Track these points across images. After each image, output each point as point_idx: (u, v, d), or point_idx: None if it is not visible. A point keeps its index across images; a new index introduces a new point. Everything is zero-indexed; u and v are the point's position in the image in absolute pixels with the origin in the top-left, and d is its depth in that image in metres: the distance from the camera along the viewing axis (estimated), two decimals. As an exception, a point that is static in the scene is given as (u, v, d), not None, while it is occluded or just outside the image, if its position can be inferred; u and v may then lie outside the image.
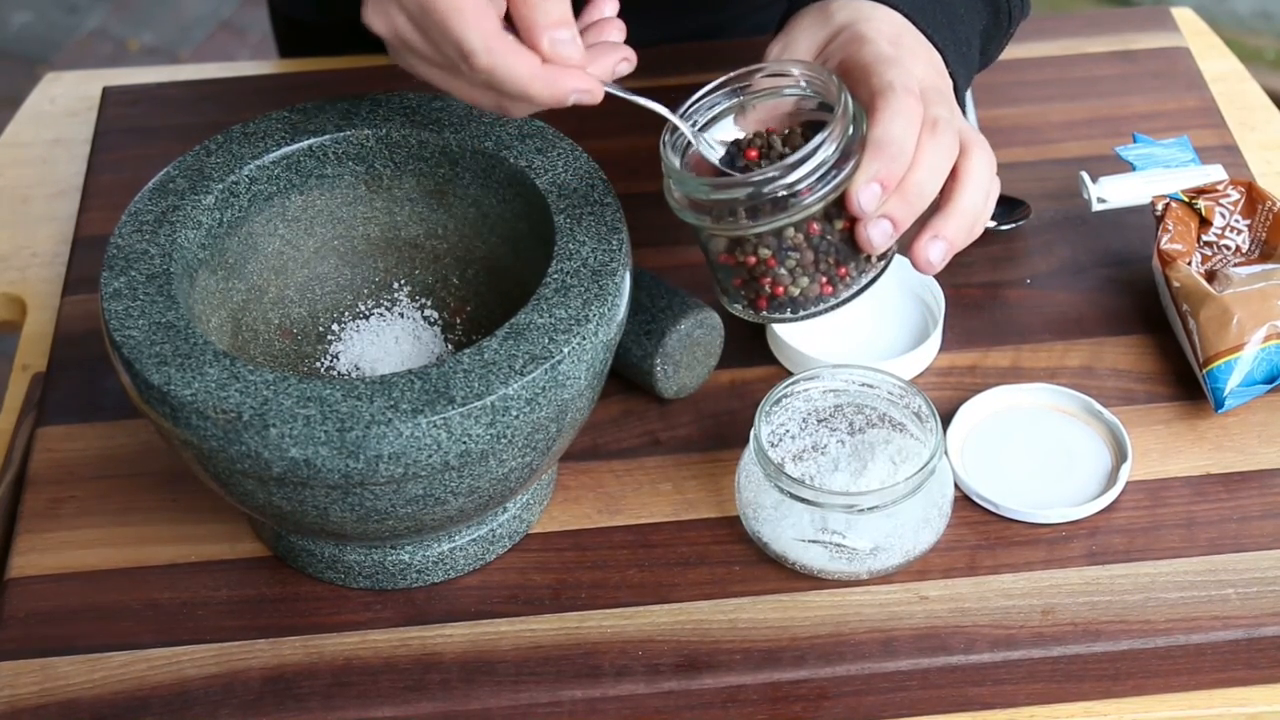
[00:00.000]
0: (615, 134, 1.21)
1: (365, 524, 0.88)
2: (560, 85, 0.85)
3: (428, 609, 0.94)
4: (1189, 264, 1.04)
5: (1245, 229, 1.06)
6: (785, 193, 0.86)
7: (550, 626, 0.93)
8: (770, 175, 0.86)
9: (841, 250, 0.89)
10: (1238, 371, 0.99)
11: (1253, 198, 1.07)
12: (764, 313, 0.91)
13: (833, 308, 0.90)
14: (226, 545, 0.97)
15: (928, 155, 0.88)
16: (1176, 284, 1.03)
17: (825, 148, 0.86)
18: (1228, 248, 1.06)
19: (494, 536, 0.95)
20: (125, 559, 0.97)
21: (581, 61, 0.86)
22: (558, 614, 0.94)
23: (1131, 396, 1.03)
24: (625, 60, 0.88)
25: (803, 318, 0.90)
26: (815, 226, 0.87)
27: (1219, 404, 1.00)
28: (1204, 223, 1.06)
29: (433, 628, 0.93)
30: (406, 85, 1.03)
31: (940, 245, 0.90)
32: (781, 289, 0.89)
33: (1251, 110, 1.25)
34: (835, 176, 0.86)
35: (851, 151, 0.87)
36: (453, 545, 0.94)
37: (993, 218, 1.13)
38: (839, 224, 0.88)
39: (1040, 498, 0.97)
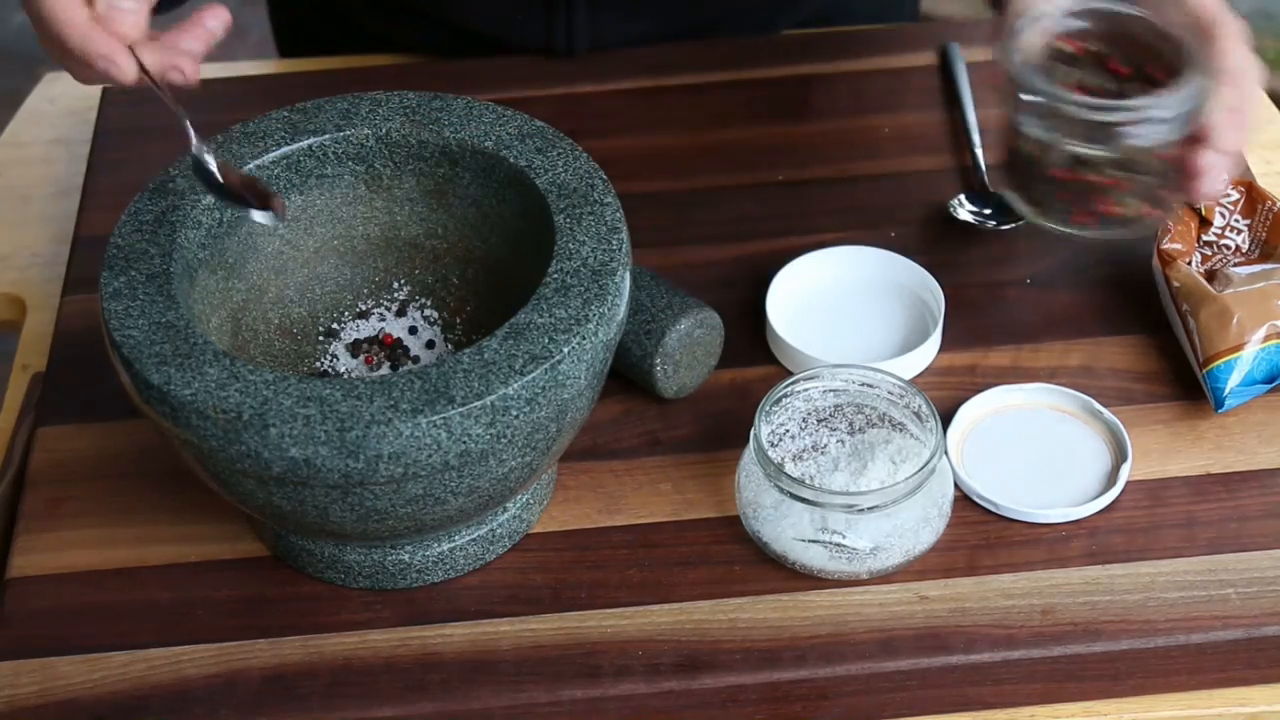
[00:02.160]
0: (615, 134, 1.22)
1: (365, 524, 0.88)
2: (91, 44, 0.85)
3: (428, 609, 0.94)
4: (1189, 264, 1.04)
5: (1245, 229, 1.06)
6: (1162, 123, 0.86)
7: (550, 626, 0.93)
8: (1156, 104, 0.86)
9: (1170, 176, 0.89)
10: (1238, 371, 0.99)
11: (1253, 198, 1.07)
12: (1077, 227, 0.90)
13: (1141, 230, 0.91)
14: (226, 545, 0.97)
15: (1256, 86, 0.91)
16: (1176, 284, 1.03)
17: (1200, 81, 0.87)
18: (1228, 247, 1.06)
19: (494, 536, 0.95)
20: (125, 559, 0.97)
21: (126, 35, 0.86)
22: (558, 614, 0.94)
23: (1131, 396, 1.03)
24: (177, 71, 0.88)
25: (1108, 236, 0.90)
26: (1164, 152, 0.88)
27: (1219, 404, 1.00)
28: (1204, 223, 1.06)
29: (433, 628, 0.93)
30: (406, 85, 1.03)
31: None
32: (1112, 208, 0.89)
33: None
34: (1198, 110, 0.88)
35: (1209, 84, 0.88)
36: (453, 545, 0.94)
37: (993, 218, 1.14)
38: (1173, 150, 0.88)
39: (1040, 498, 0.97)
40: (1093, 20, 0.92)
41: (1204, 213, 1.06)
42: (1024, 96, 0.87)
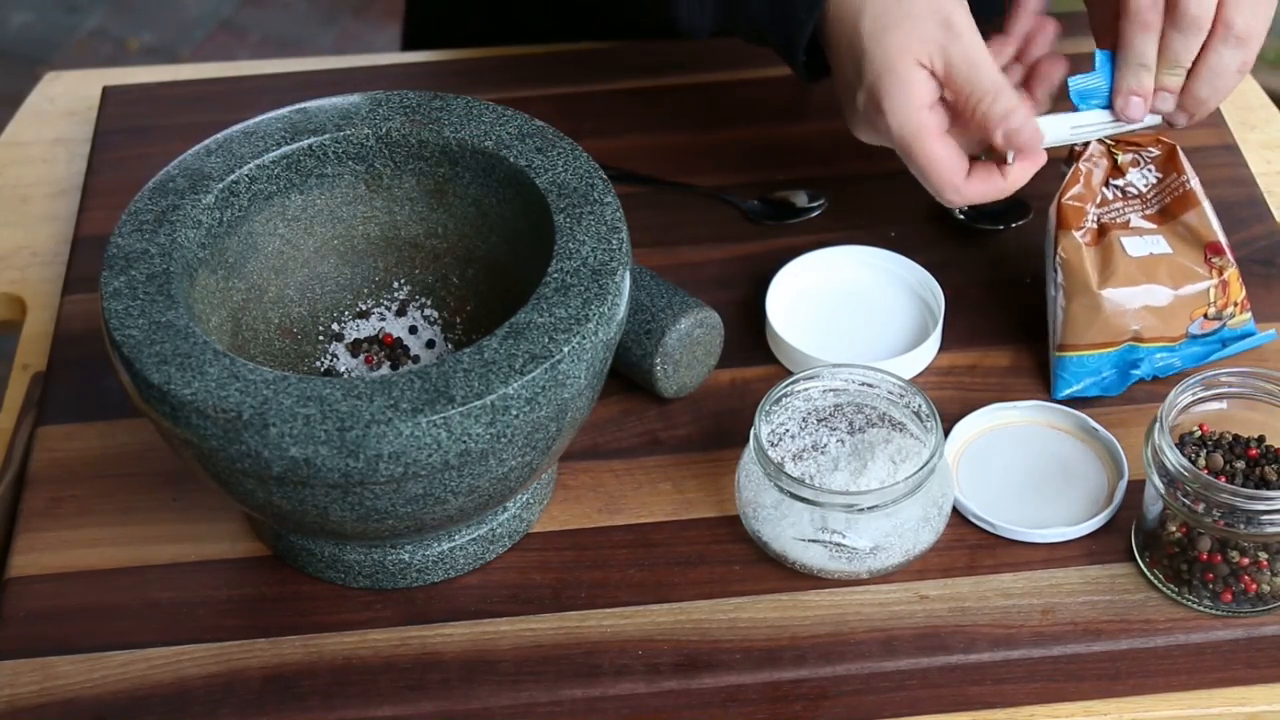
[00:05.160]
0: (615, 134, 1.22)
1: (365, 523, 0.88)
2: (1009, 185, 1.00)
3: (428, 608, 0.94)
4: (1088, 214, 1.02)
5: (1155, 181, 1.05)
6: None
7: (550, 626, 0.93)
8: None
9: None
10: (1088, 366, 1.01)
11: (1172, 161, 1.05)
12: (1225, 604, 0.92)
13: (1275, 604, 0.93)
14: (226, 545, 0.98)
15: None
16: (1063, 255, 1.01)
17: None
18: (1130, 193, 1.05)
19: (494, 536, 0.95)
20: (125, 558, 0.97)
21: (1035, 139, 0.98)
22: (558, 613, 0.94)
23: (1132, 395, 1.03)
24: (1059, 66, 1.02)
25: (1259, 612, 0.92)
26: None
27: (1057, 390, 1.02)
28: (1116, 168, 1.05)
29: (432, 627, 0.93)
30: (406, 85, 1.03)
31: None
32: (1257, 586, 0.91)
33: (1251, 110, 1.25)
34: None
35: None
36: (453, 544, 0.94)
37: (993, 218, 1.14)
38: None
39: (1037, 517, 0.97)
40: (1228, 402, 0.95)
41: (1120, 165, 1.04)
42: (1185, 486, 0.90)
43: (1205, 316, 1.02)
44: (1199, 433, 0.94)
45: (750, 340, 1.07)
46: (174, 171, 0.95)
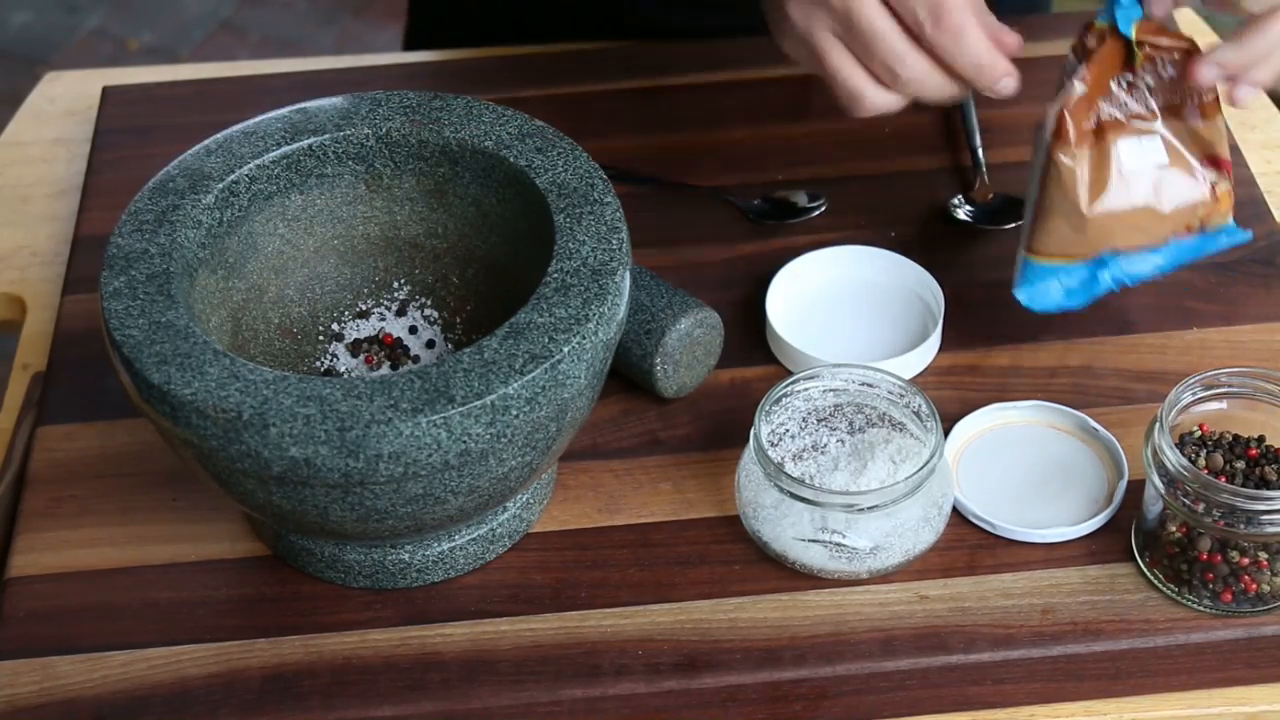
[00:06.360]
0: (615, 134, 1.22)
1: (365, 523, 0.88)
2: (999, 70, 0.97)
3: (428, 608, 0.94)
4: (1093, 109, 0.98)
5: (1171, 76, 0.99)
6: None
7: (550, 626, 0.93)
8: None
9: None
10: (1060, 277, 1.01)
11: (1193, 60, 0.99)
12: (1225, 604, 0.92)
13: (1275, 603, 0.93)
14: (226, 544, 0.98)
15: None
16: (1055, 170, 0.98)
17: None
18: (1138, 88, 0.99)
19: (494, 536, 0.95)
20: (125, 558, 0.97)
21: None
22: (558, 613, 0.94)
23: (1132, 396, 1.03)
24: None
25: (1259, 612, 0.92)
26: None
27: (1019, 287, 1.02)
28: (1129, 65, 0.99)
29: (432, 627, 0.93)
30: (406, 85, 1.03)
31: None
32: (1257, 586, 0.91)
33: (1251, 110, 1.24)
34: None
35: None
36: (453, 544, 0.94)
37: (992, 218, 1.14)
38: None
39: (1037, 517, 0.97)
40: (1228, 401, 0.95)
41: (1137, 59, 0.99)
42: (1185, 486, 0.90)
43: (1188, 229, 1.01)
44: (1199, 433, 0.94)
45: (750, 340, 1.07)
46: (174, 171, 0.95)
